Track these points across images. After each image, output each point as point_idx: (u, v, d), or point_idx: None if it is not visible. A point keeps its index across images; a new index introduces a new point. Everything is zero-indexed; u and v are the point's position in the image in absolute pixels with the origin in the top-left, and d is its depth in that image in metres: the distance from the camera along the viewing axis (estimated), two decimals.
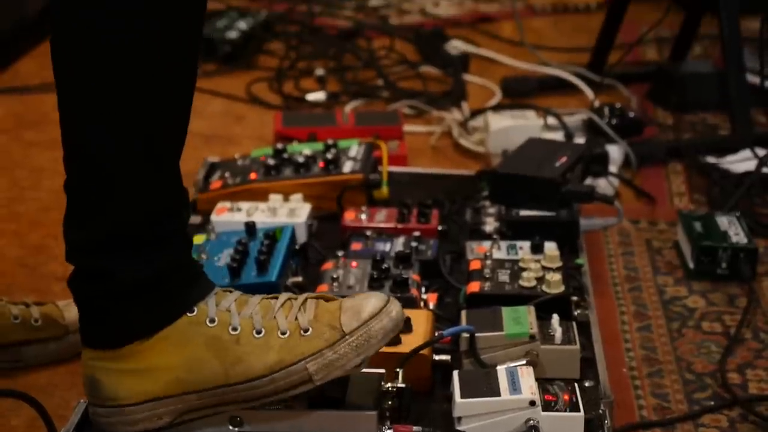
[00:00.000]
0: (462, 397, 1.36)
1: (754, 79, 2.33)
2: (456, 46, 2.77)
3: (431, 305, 1.62)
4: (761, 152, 2.12)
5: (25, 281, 1.82)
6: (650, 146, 2.25)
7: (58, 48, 1.29)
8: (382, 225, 1.84)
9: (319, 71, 2.68)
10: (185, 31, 1.30)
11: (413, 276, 1.65)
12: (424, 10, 3.16)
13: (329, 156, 1.99)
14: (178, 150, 1.35)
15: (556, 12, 3.18)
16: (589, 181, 1.97)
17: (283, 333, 1.37)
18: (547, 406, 1.35)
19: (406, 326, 1.48)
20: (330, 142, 2.05)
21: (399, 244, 1.76)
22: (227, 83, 2.64)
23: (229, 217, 1.84)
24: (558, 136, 2.20)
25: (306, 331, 1.37)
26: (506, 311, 1.51)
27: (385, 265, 1.66)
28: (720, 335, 1.68)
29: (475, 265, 1.67)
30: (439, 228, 1.84)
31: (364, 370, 1.38)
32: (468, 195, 1.97)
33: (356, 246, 1.77)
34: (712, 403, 1.54)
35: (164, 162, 1.34)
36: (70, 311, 1.61)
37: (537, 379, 1.39)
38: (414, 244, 1.76)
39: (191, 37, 1.31)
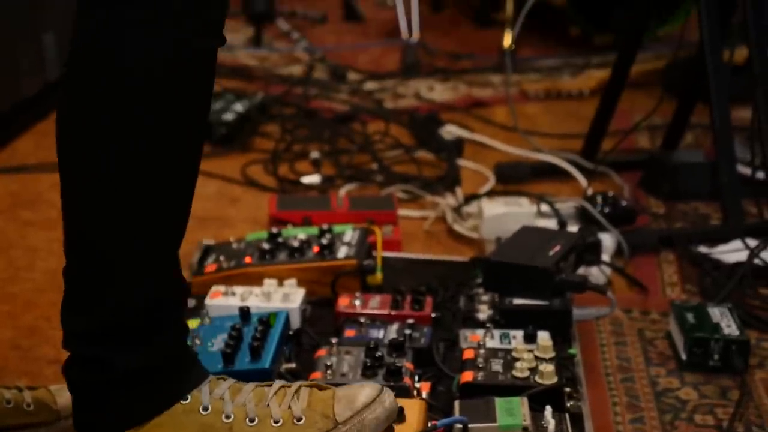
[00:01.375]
0: None
1: (744, 169, 2.35)
2: (450, 131, 2.79)
3: (424, 394, 1.62)
4: (752, 243, 2.14)
5: (17, 364, 1.81)
6: (642, 235, 2.26)
7: (64, 137, 1.31)
8: (375, 311, 1.84)
9: (315, 154, 2.70)
10: (191, 131, 1.32)
11: (406, 364, 1.65)
12: (418, 95, 3.19)
13: (324, 241, 2.00)
14: (177, 241, 1.36)
15: (549, 98, 3.21)
16: (582, 269, 1.98)
17: (276, 421, 1.37)
18: None
19: (399, 416, 1.48)
20: (325, 227, 2.06)
21: (392, 331, 1.77)
22: (223, 165, 2.65)
23: (223, 301, 1.85)
24: (551, 223, 2.22)
25: (299, 419, 1.37)
26: (499, 402, 1.51)
27: (378, 353, 1.66)
28: (713, 428, 1.68)
29: (468, 354, 1.68)
30: (433, 315, 1.84)
31: None
32: (461, 282, 1.98)
33: (350, 332, 1.78)
34: None
35: (164, 252, 1.35)
36: (62, 396, 1.61)
37: None
38: (407, 331, 1.76)
39: (195, 135, 1.34)
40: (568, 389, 1.62)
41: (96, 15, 1.27)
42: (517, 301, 1.84)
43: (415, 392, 1.62)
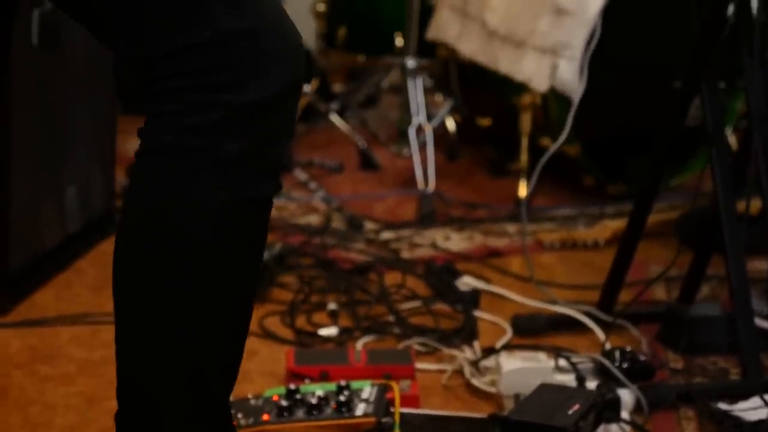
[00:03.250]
0: None
1: (762, 322, 2.35)
2: (467, 282, 2.81)
3: None
4: None
5: None
6: (661, 391, 2.25)
7: (119, 279, 1.33)
8: None
9: (332, 306, 2.71)
10: (245, 277, 1.35)
11: None
12: (435, 244, 3.21)
13: (342, 398, 2.00)
14: (229, 387, 1.37)
15: (564, 248, 3.22)
16: (601, 427, 1.97)
17: None
18: None
19: None
20: (343, 383, 2.07)
21: None
22: None
23: None
24: (569, 378, 2.21)
25: None
26: None
27: None
28: None
29: None
30: None
31: None
32: None
33: None
34: None
35: (215, 399, 1.36)
36: None
37: None
38: None
39: (248, 282, 1.36)
40: None
41: (151, 161, 1.29)
42: None
43: None
